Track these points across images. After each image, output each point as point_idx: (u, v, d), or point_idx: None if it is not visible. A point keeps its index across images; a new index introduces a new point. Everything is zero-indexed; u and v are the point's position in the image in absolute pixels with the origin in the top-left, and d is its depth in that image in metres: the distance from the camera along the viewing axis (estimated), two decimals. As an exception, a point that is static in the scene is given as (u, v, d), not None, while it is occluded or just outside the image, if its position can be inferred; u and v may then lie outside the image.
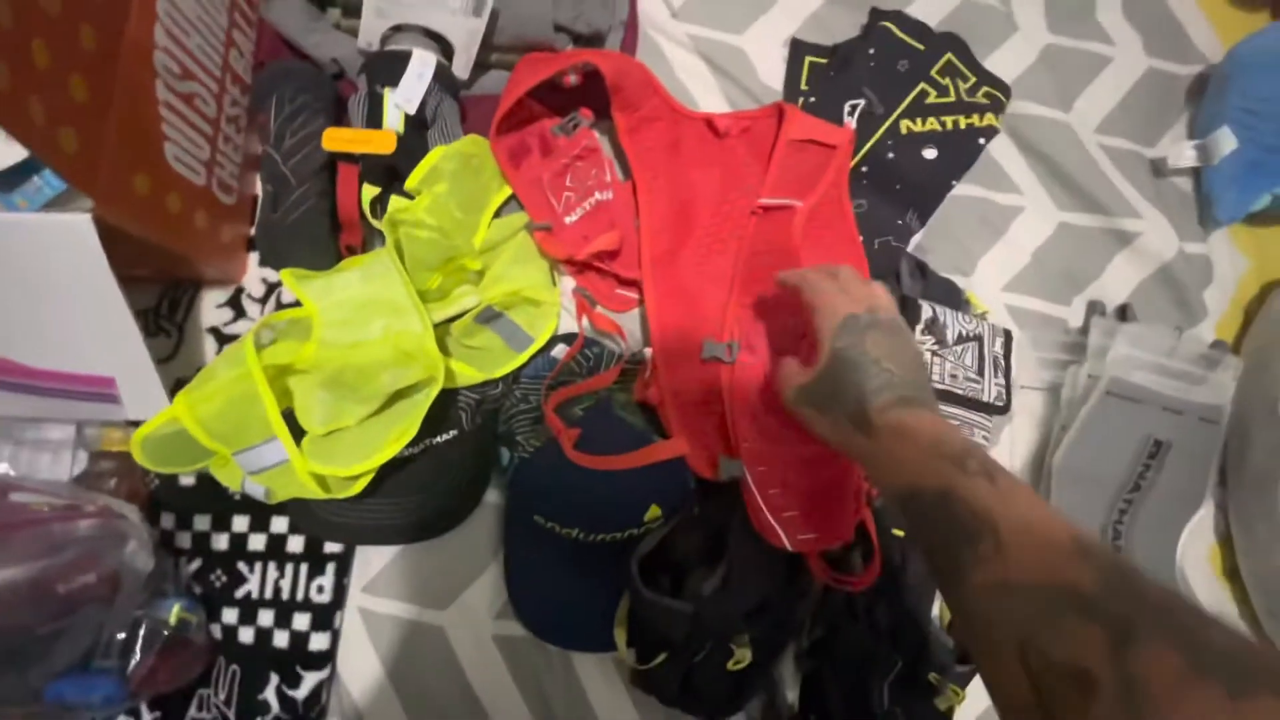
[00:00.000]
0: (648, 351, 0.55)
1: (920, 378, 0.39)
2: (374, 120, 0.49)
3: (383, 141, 0.48)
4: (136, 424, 0.46)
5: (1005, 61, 0.66)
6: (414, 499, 0.51)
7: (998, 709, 0.28)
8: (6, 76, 0.31)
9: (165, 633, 0.46)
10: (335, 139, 0.48)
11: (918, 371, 0.39)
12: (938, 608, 0.54)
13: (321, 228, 0.49)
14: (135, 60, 0.41)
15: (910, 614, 0.50)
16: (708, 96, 0.63)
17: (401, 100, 0.48)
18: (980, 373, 0.56)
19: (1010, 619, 0.26)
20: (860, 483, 0.50)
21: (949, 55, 0.61)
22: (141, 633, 0.45)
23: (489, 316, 0.53)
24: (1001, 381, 0.56)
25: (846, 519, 0.49)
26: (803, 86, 0.63)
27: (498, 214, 0.56)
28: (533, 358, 0.54)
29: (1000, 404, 0.56)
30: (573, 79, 0.51)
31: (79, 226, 0.37)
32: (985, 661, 0.28)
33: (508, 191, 0.55)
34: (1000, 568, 0.28)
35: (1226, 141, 0.62)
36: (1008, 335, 0.58)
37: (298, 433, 0.47)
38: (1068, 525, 0.29)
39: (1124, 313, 0.61)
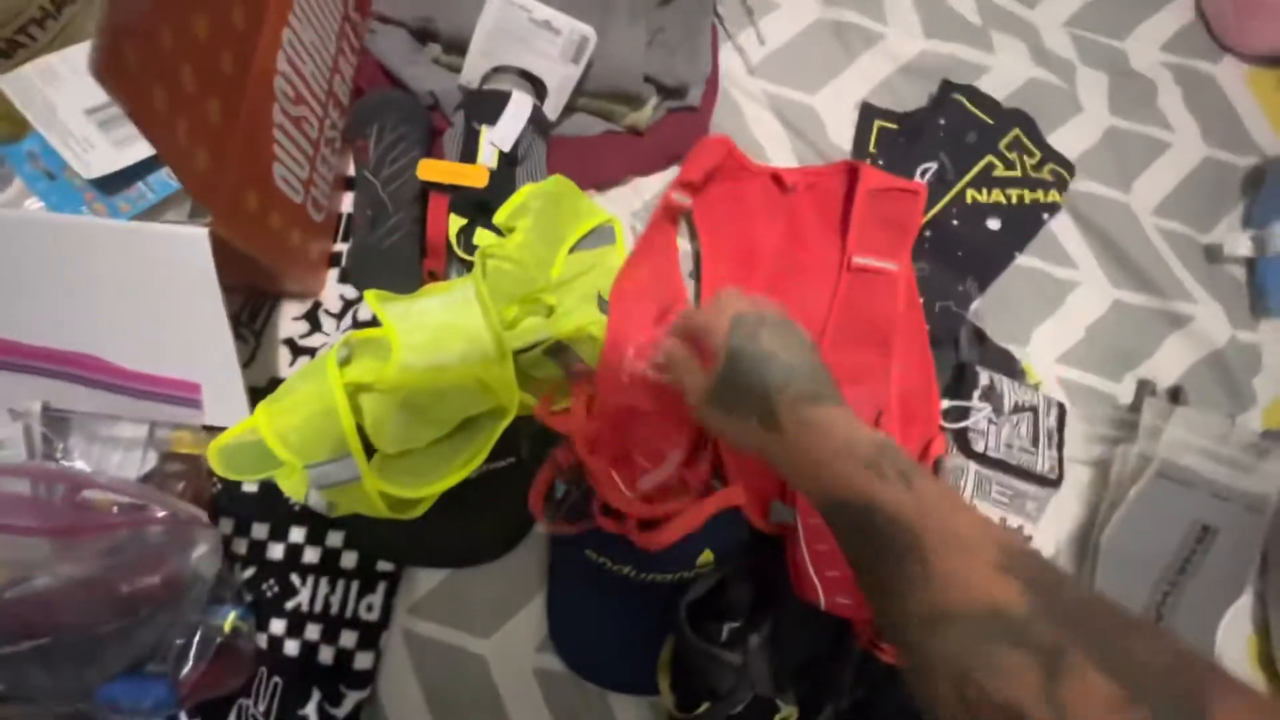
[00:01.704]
0: None
1: (820, 369, 0.38)
2: (469, 155, 0.51)
3: (476, 176, 0.49)
4: (211, 429, 0.47)
5: (1069, 140, 0.67)
6: (467, 523, 0.52)
7: None
8: (164, 98, 0.33)
9: (219, 639, 0.46)
10: (431, 170, 0.49)
11: (815, 362, 0.38)
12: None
13: (411, 254, 0.51)
14: (260, 85, 0.43)
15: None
16: (778, 152, 0.65)
17: (497, 138, 0.50)
18: (1035, 443, 0.56)
19: (945, 653, 0.26)
20: None
21: (1017, 131, 0.63)
22: (197, 639, 0.45)
23: (557, 350, 0.54)
24: (1055, 454, 0.57)
25: None
26: (870, 150, 0.65)
27: (572, 249, 0.57)
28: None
29: (1053, 476, 0.56)
30: (681, 202, 0.54)
31: (197, 240, 0.39)
32: (923, 688, 0.27)
33: (586, 228, 0.57)
34: (928, 593, 0.28)
35: (1282, 235, 0.63)
36: (1062, 408, 0.58)
37: (368, 449, 0.47)
38: (986, 527, 0.29)
39: (1176, 395, 0.61)
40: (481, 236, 0.51)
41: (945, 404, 0.56)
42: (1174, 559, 0.58)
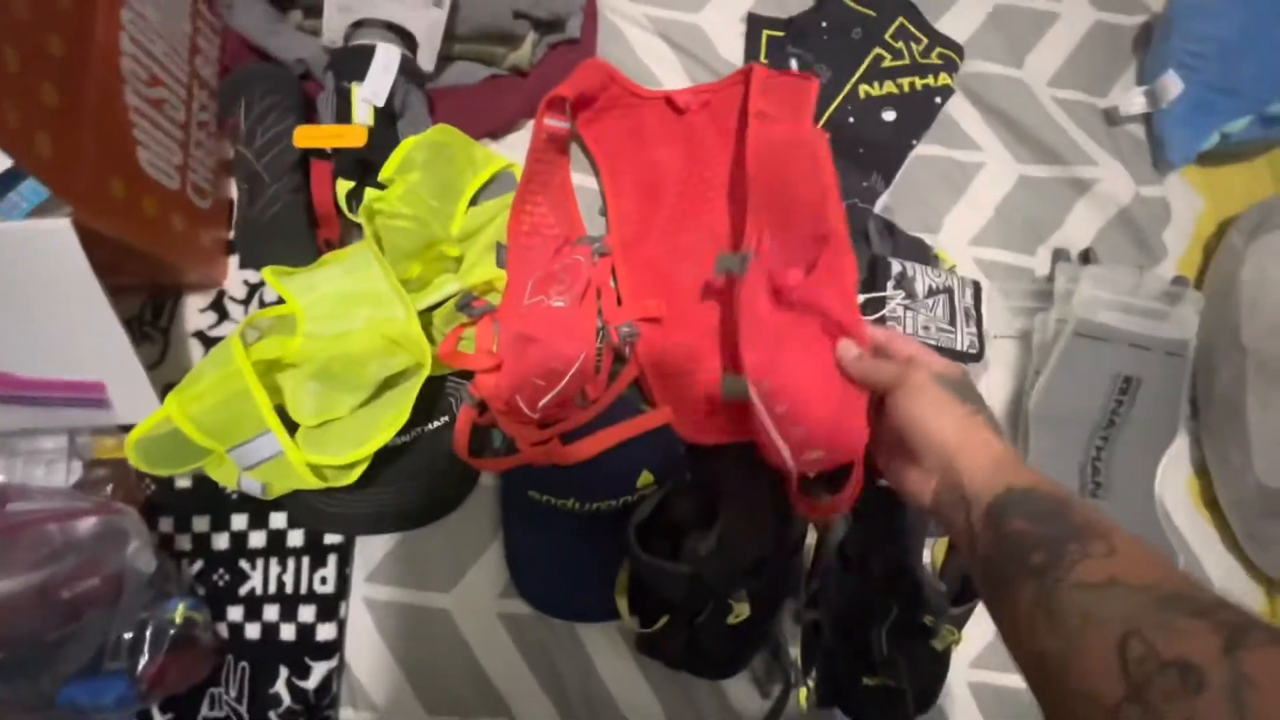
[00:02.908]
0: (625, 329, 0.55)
1: None
2: (343, 116, 0.50)
3: (354, 135, 0.49)
4: (128, 429, 0.46)
5: (956, 23, 0.68)
6: (410, 485, 0.52)
7: (1056, 696, 0.27)
8: (-22, 82, 0.32)
9: (171, 631, 0.46)
10: (307, 135, 0.49)
11: None
12: (928, 554, 0.55)
13: (298, 224, 0.50)
14: (103, 67, 0.42)
15: (902, 561, 0.51)
16: (670, 75, 0.64)
17: (369, 94, 0.49)
18: (952, 323, 0.57)
19: (1115, 613, 0.26)
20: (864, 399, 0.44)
21: (901, 19, 0.63)
22: (149, 633, 0.46)
23: (468, 302, 0.54)
24: (974, 331, 0.58)
25: (856, 435, 0.43)
26: (762, 60, 0.64)
27: (474, 201, 0.57)
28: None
29: (974, 352, 0.57)
30: (558, 125, 0.53)
31: (60, 231, 0.38)
32: (1061, 647, 0.27)
33: (483, 178, 0.56)
34: (1111, 566, 0.28)
35: (1173, 85, 0.64)
36: (977, 286, 0.59)
37: (291, 428, 0.47)
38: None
39: (1087, 257, 0.63)
40: (371, 196, 0.50)
41: (861, 298, 0.57)
42: (1101, 414, 0.60)
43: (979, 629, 0.56)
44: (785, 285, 0.48)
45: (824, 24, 0.63)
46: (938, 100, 0.62)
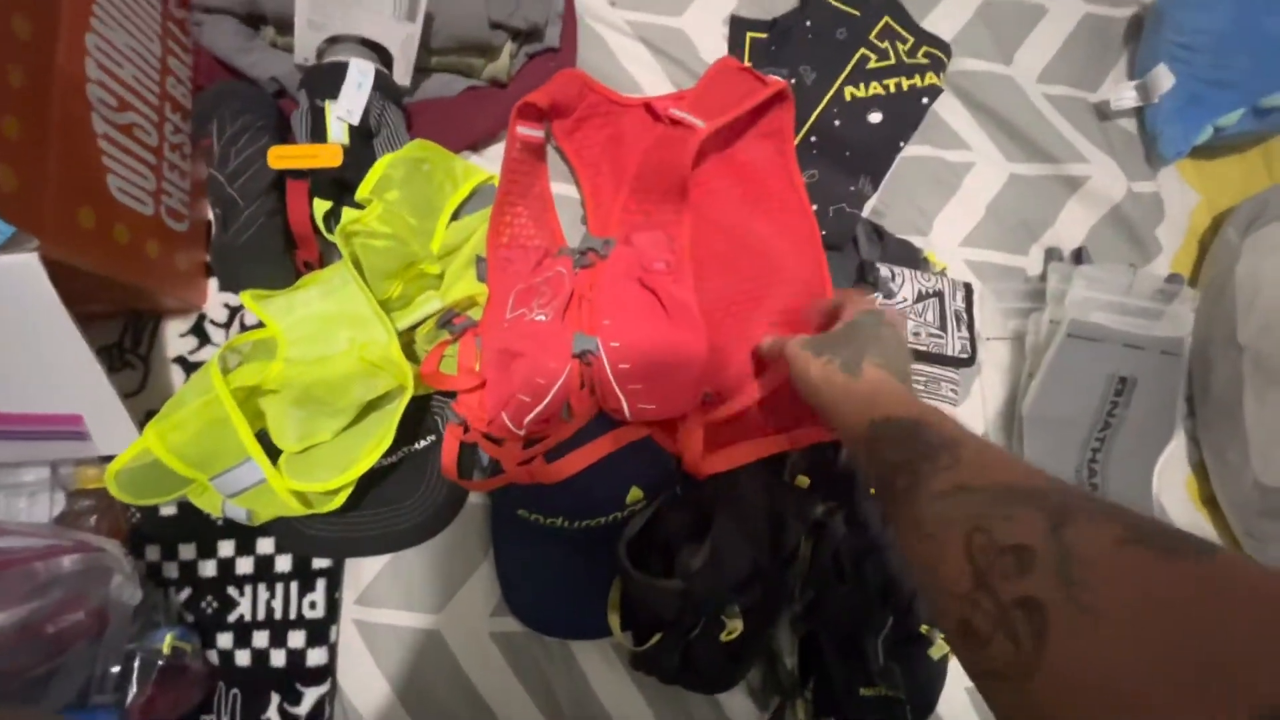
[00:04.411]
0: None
1: (908, 376, 0.42)
2: (318, 134, 0.49)
3: (329, 155, 0.48)
4: (109, 459, 0.46)
5: (942, 21, 0.66)
6: (397, 507, 0.52)
7: (931, 596, 0.29)
8: (-68, 121, 0.31)
9: (160, 662, 0.46)
10: (281, 156, 0.48)
11: (906, 369, 0.42)
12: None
13: (275, 246, 0.50)
14: (68, 96, 0.41)
15: (896, 571, 0.51)
16: (653, 81, 0.63)
17: (343, 112, 0.49)
18: (943, 328, 0.57)
19: (962, 513, 0.28)
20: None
21: (886, 19, 0.62)
22: (136, 665, 0.45)
23: (449, 319, 0.53)
24: (965, 334, 0.57)
25: (685, 397, 0.50)
26: (745, 63, 0.63)
27: (455, 217, 0.56)
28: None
29: (965, 356, 0.57)
30: (532, 134, 0.52)
31: (28, 266, 0.37)
32: (928, 553, 0.29)
33: (463, 192, 0.55)
34: (958, 474, 0.30)
35: (1164, 78, 0.63)
36: (968, 288, 0.59)
37: (274, 453, 0.47)
38: (1016, 460, 0.31)
39: (1079, 256, 0.62)
40: (347, 216, 0.49)
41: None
42: (1097, 415, 0.59)
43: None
44: (650, 275, 0.53)
45: (808, 24, 0.62)
46: (925, 100, 0.61)
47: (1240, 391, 0.58)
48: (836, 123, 0.60)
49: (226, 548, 0.52)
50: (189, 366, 0.54)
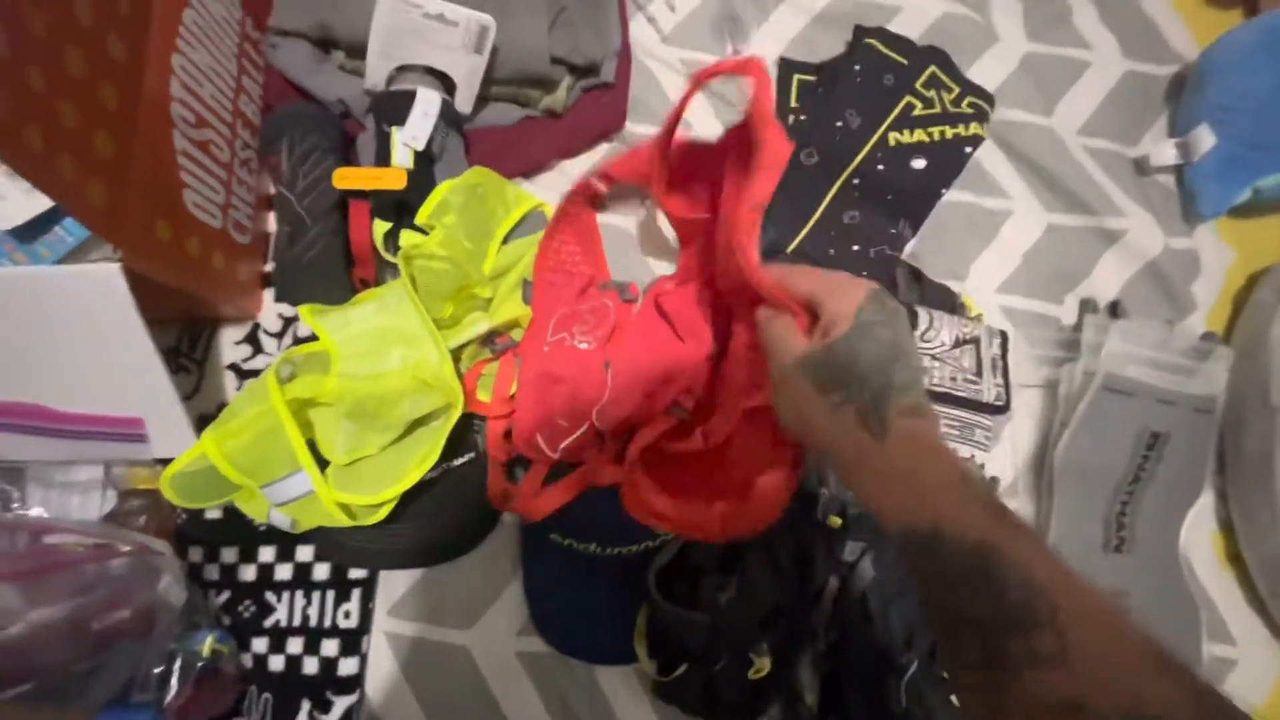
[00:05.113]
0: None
1: (922, 385, 0.33)
2: (383, 158, 0.51)
3: (393, 178, 0.50)
4: (163, 462, 0.47)
5: (987, 71, 0.68)
6: (434, 522, 0.53)
7: None
8: (39, 137, 0.33)
9: (199, 664, 0.47)
10: (347, 178, 0.49)
11: (921, 379, 0.34)
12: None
13: (336, 264, 0.51)
14: (154, 114, 0.43)
15: (921, 615, 0.51)
16: (702, 119, 0.65)
17: (409, 138, 0.50)
18: (979, 374, 0.57)
19: None
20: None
21: (932, 68, 0.63)
22: (177, 666, 0.46)
23: (491, 338, 0.54)
24: (1000, 382, 0.58)
25: (650, 398, 0.50)
26: (792, 104, 0.65)
27: (505, 240, 0.57)
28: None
29: (1000, 403, 0.57)
30: (598, 186, 0.54)
31: (110, 276, 0.39)
32: None
33: (515, 217, 0.57)
34: (1066, 678, 0.23)
35: (1205, 138, 0.64)
36: (1004, 336, 0.59)
37: (321, 463, 0.48)
38: (1127, 616, 0.25)
39: (1115, 309, 0.63)
40: (407, 238, 0.51)
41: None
42: (1127, 469, 0.59)
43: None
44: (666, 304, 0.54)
45: (856, 69, 0.63)
46: (968, 150, 0.62)
47: (1272, 453, 0.58)
48: (880, 167, 0.61)
49: (267, 553, 0.53)
50: (242, 374, 0.55)
